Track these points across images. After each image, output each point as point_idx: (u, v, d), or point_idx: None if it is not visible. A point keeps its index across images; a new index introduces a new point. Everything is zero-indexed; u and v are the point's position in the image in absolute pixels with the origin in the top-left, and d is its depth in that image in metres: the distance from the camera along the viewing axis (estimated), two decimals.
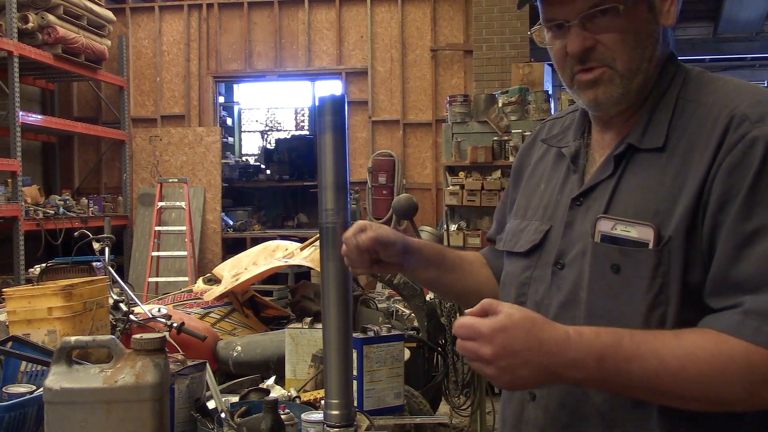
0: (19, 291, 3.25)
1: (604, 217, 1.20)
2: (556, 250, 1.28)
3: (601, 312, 1.18)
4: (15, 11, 7.63)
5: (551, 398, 1.25)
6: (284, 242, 5.37)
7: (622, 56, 1.22)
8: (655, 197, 1.17)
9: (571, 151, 1.33)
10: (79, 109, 10.62)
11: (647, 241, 1.14)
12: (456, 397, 3.94)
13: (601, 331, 1.11)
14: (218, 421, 2.08)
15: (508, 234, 1.42)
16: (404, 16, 9.92)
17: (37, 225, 8.08)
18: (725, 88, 1.21)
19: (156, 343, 1.78)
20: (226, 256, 7.60)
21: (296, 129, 15.39)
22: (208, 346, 3.84)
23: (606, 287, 1.18)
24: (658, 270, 1.13)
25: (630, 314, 1.15)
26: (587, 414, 1.21)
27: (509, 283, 1.37)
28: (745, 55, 12.13)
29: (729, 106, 1.16)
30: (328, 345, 1.45)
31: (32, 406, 1.98)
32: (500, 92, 7.82)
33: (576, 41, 1.22)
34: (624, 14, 1.19)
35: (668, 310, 1.13)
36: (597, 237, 1.20)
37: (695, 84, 1.24)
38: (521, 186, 1.47)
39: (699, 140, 1.16)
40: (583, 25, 1.21)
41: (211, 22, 10.38)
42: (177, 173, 9.83)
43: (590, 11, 1.20)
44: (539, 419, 1.27)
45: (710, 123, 1.16)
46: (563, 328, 1.11)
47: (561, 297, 1.25)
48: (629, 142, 1.22)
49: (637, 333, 1.10)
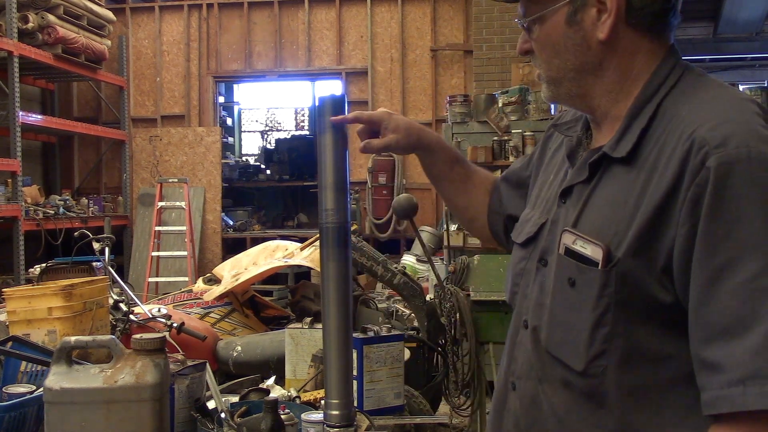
0: (19, 291, 3.25)
1: (568, 231, 1.21)
2: (541, 246, 1.30)
3: (559, 320, 1.21)
4: (15, 11, 7.63)
5: (525, 392, 1.29)
6: (284, 242, 5.37)
7: (542, 64, 1.28)
8: (617, 215, 1.16)
9: (571, 144, 1.34)
10: (79, 109, 10.62)
11: (597, 261, 1.15)
12: (456, 397, 3.93)
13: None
14: (218, 421, 2.08)
15: (519, 223, 1.44)
16: (404, 16, 9.93)
17: (37, 225, 8.08)
18: (701, 98, 1.16)
19: (156, 343, 1.78)
20: (226, 256, 7.61)
21: (296, 129, 15.39)
22: (208, 346, 3.84)
23: (564, 299, 1.20)
24: (605, 290, 1.14)
25: (579, 328, 1.17)
26: (545, 415, 1.24)
27: (509, 272, 1.41)
28: (745, 55, 12.12)
29: (693, 124, 1.11)
30: (328, 345, 1.45)
31: (32, 406, 1.98)
32: (500, 92, 7.82)
33: (519, 43, 1.31)
34: (542, 26, 1.24)
35: (614, 330, 1.14)
36: (561, 249, 1.22)
37: (683, 90, 1.20)
38: (540, 171, 1.48)
39: (662, 157, 1.13)
40: (528, 30, 1.28)
41: (211, 22, 10.38)
42: (177, 173, 9.83)
43: (521, 21, 1.28)
44: (517, 409, 1.31)
45: (675, 140, 1.12)
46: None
47: (539, 297, 1.28)
48: (605, 151, 1.20)
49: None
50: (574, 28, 1.21)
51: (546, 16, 1.23)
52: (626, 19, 1.19)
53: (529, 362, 1.28)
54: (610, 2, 1.18)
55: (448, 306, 3.95)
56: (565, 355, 1.20)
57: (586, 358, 1.16)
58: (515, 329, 1.35)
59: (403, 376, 2.67)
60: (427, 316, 3.80)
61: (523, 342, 1.30)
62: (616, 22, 1.19)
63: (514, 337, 1.34)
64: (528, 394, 1.28)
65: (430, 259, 4.57)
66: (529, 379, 1.28)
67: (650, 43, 1.22)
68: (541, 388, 1.25)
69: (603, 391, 1.16)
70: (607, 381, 1.15)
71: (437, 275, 4.26)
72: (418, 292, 3.84)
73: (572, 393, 1.20)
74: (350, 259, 1.48)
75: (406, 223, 4.68)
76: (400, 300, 4.44)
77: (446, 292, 4.02)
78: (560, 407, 1.22)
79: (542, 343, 1.24)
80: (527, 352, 1.29)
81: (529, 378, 1.28)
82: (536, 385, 1.26)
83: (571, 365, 1.19)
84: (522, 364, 1.30)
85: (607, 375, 1.15)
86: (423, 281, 5.75)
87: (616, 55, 1.21)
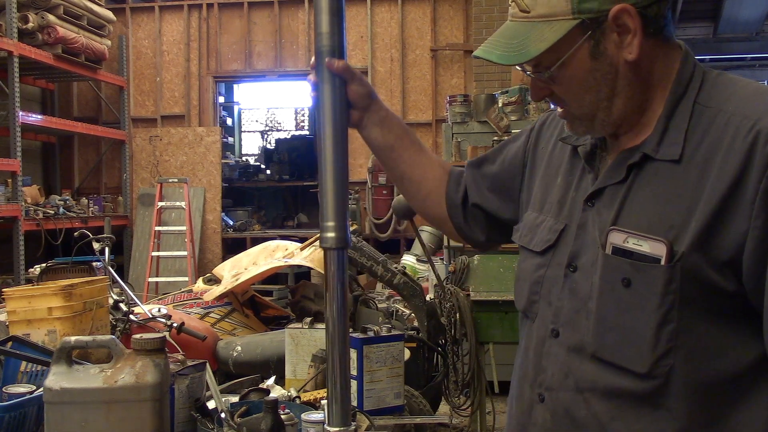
0: (19, 291, 3.25)
1: (616, 230, 1.18)
2: (569, 251, 1.27)
3: (611, 324, 1.18)
4: (15, 11, 7.63)
5: (557, 402, 1.25)
6: (284, 242, 5.37)
7: (572, 103, 1.24)
8: (670, 210, 1.14)
9: (586, 149, 1.31)
10: (79, 109, 10.63)
11: (659, 257, 1.12)
12: (456, 397, 3.93)
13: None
14: (218, 421, 2.08)
15: (524, 227, 1.40)
16: (404, 16, 9.93)
17: (37, 225, 8.08)
18: (743, 93, 1.17)
19: (156, 343, 1.78)
20: (226, 256, 7.60)
21: (296, 129, 15.40)
22: (208, 346, 3.84)
23: (616, 300, 1.17)
24: (670, 286, 1.12)
25: (640, 329, 1.14)
26: (583, 424, 1.22)
27: (523, 279, 1.36)
28: (745, 55, 12.11)
29: (750, 117, 1.11)
30: (323, 156, 1.39)
31: (32, 406, 1.98)
32: (500, 92, 7.81)
33: (533, 92, 1.27)
34: (565, 70, 1.20)
35: (680, 326, 1.13)
36: (608, 249, 1.18)
37: (713, 88, 1.20)
38: (537, 172, 1.43)
39: (718, 151, 1.12)
40: (551, 79, 1.23)
41: (211, 22, 10.38)
42: (177, 173, 9.83)
43: (541, 74, 1.23)
44: (547, 422, 1.27)
45: (730, 134, 1.12)
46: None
47: (574, 303, 1.24)
48: (644, 152, 1.19)
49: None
50: (600, 59, 1.19)
51: (568, 60, 1.19)
52: (645, 32, 1.17)
53: (564, 372, 1.24)
54: (632, 22, 1.16)
55: (448, 306, 3.95)
56: (623, 359, 1.16)
57: (652, 359, 1.14)
58: (540, 339, 1.30)
59: (403, 376, 2.67)
60: (427, 316, 3.80)
61: (554, 352, 1.26)
62: (641, 39, 1.17)
63: (540, 347, 1.29)
64: (561, 406, 1.24)
65: (430, 259, 4.58)
66: (563, 390, 1.24)
67: (664, 47, 1.21)
68: (582, 397, 1.21)
69: (665, 392, 1.14)
70: (673, 380, 1.14)
71: (437, 275, 4.27)
72: (418, 292, 3.84)
73: (620, 398, 1.18)
74: (344, 86, 1.42)
75: (406, 223, 4.69)
76: (400, 300, 4.44)
77: (446, 292, 4.02)
78: (604, 415, 1.19)
79: (588, 349, 1.20)
80: (560, 361, 1.25)
81: (564, 389, 1.24)
82: (574, 394, 1.22)
83: (631, 368, 1.16)
84: (553, 375, 1.26)
85: (673, 374, 1.13)
86: (423, 281, 5.75)
87: (642, 68, 1.20)
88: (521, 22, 1.20)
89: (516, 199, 1.49)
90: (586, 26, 1.16)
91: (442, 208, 1.58)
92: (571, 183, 1.32)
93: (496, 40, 1.23)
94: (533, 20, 1.18)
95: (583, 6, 1.15)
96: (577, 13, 1.16)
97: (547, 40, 1.17)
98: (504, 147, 1.55)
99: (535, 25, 1.18)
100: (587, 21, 1.16)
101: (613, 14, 1.15)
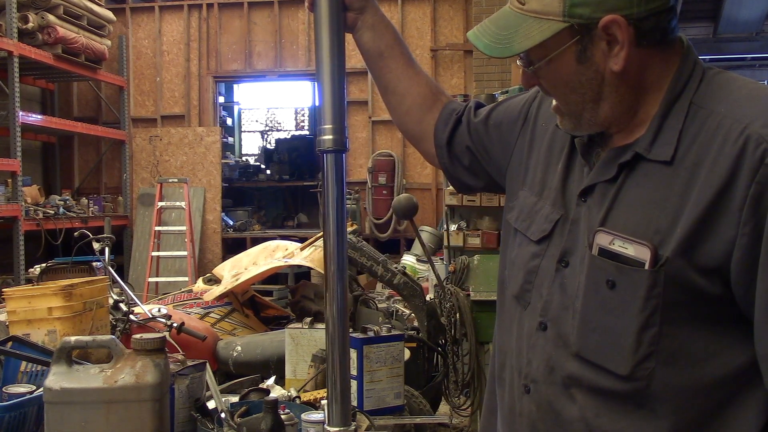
0: (19, 291, 3.25)
1: (603, 231, 1.17)
2: (562, 245, 1.26)
3: (594, 325, 1.18)
4: (15, 11, 7.63)
5: (541, 396, 1.25)
6: (284, 242, 5.37)
7: (559, 100, 1.24)
8: (657, 214, 1.13)
9: (583, 141, 1.29)
10: (79, 109, 10.63)
11: (644, 261, 1.11)
12: (456, 397, 3.93)
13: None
14: (218, 421, 2.08)
15: (522, 210, 1.38)
16: (404, 16, 9.92)
17: (37, 225, 8.08)
18: (737, 95, 1.14)
19: (156, 343, 1.78)
20: (226, 256, 7.61)
21: (296, 129, 15.39)
22: (208, 346, 3.84)
23: (600, 301, 1.17)
24: (653, 291, 1.11)
25: (622, 331, 1.14)
26: (569, 419, 1.21)
27: (518, 266, 1.35)
28: (745, 55, 12.11)
29: (741, 121, 1.09)
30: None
31: (32, 406, 1.98)
32: (500, 92, 7.81)
33: (523, 79, 1.26)
34: (551, 67, 1.20)
35: (662, 330, 1.12)
36: (595, 250, 1.18)
37: (709, 88, 1.17)
38: (536, 145, 1.41)
39: (708, 155, 1.10)
40: (536, 74, 1.23)
41: (211, 22, 10.38)
42: (177, 173, 9.83)
43: (528, 67, 1.23)
44: (533, 413, 1.27)
45: (721, 137, 1.10)
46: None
47: (563, 299, 1.24)
48: (636, 151, 1.17)
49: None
50: (586, 64, 1.18)
51: (554, 58, 1.18)
52: (636, 44, 1.15)
53: (549, 366, 1.24)
54: (621, 34, 1.13)
55: (448, 306, 3.95)
56: (605, 360, 1.16)
57: (633, 362, 1.13)
58: (529, 330, 1.29)
59: (403, 376, 2.67)
60: (427, 316, 3.80)
61: (540, 345, 1.26)
62: (629, 51, 1.15)
63: (528, 338, 1.29)
64: (546, 399, 1.24)
65: (430, 259, 4.57)
66: (548, 383, 1.24)
67: (661, 53, 1.19)
68: (567, 392, 1.21)
69: (647, 393, 1.14)
70: (654, 383, 1.13)
71: (437, 275, 4.26)
72: (418, 292, 3.84)
73: (605, 397, 1.18)
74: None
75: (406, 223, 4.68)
76: (400, 300, 4.44)
77: (446, 292, 4.02)
78: (589, 412, 1.19)
79: (572, 348, 1.20)
80: (547, 355, 1.25)
81: (549, 382, 1.24)
82: (560, 389, 1.22)
83: (612, 369, 1.16)
84: (538, 368, 1.26)
85: (654, 377, 1.13)
86: (423, 281, 5.75)
87: (630, 77, 1.18)
88: (515, 12, 1.19)
89: (508, 154, 1.47)
90: (575, 31, 1.15)
91: (420, 127, 1.58)
92: (571, 171, 1.31)
93: (489, 26, 1.23)
94: (526, 13, 1.17)
95: (575, 11, 1.14)
96: (567, 16, 1.14)
97: (533, 39, 1.16)
98: (502, 102, 1.54)
99: (526, 20, 1.17)
100: (576, 26, 1.15)
101: (603, 24, 1.13)
